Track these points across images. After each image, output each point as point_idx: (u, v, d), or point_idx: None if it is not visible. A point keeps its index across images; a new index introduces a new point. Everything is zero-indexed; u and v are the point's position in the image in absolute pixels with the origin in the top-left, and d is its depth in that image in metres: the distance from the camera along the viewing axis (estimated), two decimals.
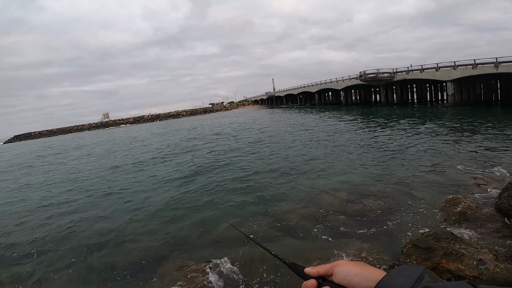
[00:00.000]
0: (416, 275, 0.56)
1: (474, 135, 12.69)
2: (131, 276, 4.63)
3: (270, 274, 4.15)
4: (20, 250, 6.03)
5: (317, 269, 0.69)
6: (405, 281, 0.55)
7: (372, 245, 4.61)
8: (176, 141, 22.88)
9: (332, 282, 0.65)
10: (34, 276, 4.98)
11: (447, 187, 6.69)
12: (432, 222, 5.14)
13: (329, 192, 7.24)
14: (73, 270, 5.00)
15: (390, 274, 0.59)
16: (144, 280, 4.44)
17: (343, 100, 47.54)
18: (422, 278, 0.56)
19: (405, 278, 0.56)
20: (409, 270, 0.58)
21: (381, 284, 0.58)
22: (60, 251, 5.75)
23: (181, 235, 5.85)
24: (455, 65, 27.62)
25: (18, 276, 5.01)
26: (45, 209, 8.75)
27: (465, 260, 3.09)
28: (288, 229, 5.58)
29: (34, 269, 5.20)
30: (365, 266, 0.65)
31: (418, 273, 0.57)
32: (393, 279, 0.57)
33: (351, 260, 0.68)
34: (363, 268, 0.63)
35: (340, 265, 0.66)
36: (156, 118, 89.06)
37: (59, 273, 4.95)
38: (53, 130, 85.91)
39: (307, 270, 0.71)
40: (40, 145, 45.69)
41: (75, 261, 5.30)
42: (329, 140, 15.16)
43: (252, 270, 4.34)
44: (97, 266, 5.05)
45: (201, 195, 8.21)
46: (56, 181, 13.03)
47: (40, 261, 5.47)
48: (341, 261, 0.67)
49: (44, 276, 4.94)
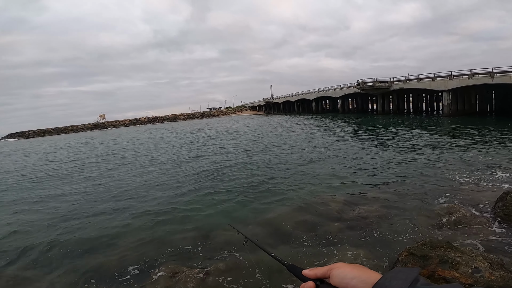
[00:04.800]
0: (411, 278, 0.57)
1: (470, 145, 12.84)
2: (122, 281, 4.49)
3: (267, 278, 4.10)
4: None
5: (315, 271, 0.69)
6: (401, 284, 0.56)
7: (368, 252, 4.60)
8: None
9: (329, 284, 0.66)
10: (20, 277, 4.84)
11: (442, 196, 6.73)
12: (427, 230, 5.15)
13: (325, 198, 7.25)
14: (63, 273, 4.86)
15: (386, 276, 0.60)
16: (137, 286, 4.32)
17: (340, 108, 48.02)
18: (417, 280, 0.57)
19: (400, 281, 0.57)
20: (404, 272, 0.59)
21: (377, 287, 0.58)
22: (48, 252, 5.63)
23: (176, 239, 5.75)
24: (452, 75, 27.97)
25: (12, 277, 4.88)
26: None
27: (461, 268, 3.11)
28: (284, 235, 5.55)
29: (23, 270, 5.07)
30: (362, 268, 0.65)
31: (413, 275, 0.58)
32: (389, 282, 0.58)
33: (348, 263, 0.67)
34: (360, 271, 0.64)
35: (338, 268, 0.66)
36: (153, 121, 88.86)
37: (47, 276, 4.82)
38: (48, 130, 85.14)
39: (305, 272, 0.71)
40: (47, 144, 42.47)
41: (65, 264, 5.16)
42: (328, 148, 15.22)
43: (249, 274, 4.29)
44: (88, 270, 4.90)
45: (198, 199, 8.16)
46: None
47: (31, 262, 5.35)
48: (339, 263, 0.67)
49: (30, 278, 4.79)
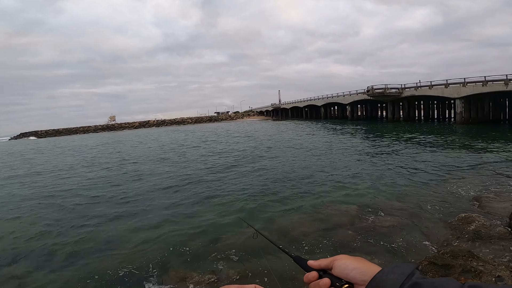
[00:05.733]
0: (408, 272, 0.60)
1: (485, 153, 12.56)
2: (129, 284, 4.41)
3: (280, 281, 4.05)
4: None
5: (319, 262, 0.73)
6: (397, 278, 0.59)
7: (383, 261, 4.49)
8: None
9: (332, 274, 0.69)
10: (27, 277, 4.82)
11: (459, 205, 6.57)
12: (445, 240, 5.01)
13: (338, 206, 7.14)
14: (70, 274, 4.82)
15: (384, 270, 0.63)
16: None
17: (349, 115, 47.47)
18: (413, 274, 0.59)
19: (397, 275, 0.59)
20: (401, 267, 0.62)
21: (375, 279, 0.61)
22: (58, 252, 5.64)
23: (185, 241, 5.69)
24: (465, 82, 27.29)
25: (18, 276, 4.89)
26: None
27: (484, 277, 3.05)
28: (296, 241, 5.48)
29: (30, 269, 5.07)
30: (363, 261, 0.68)
31: (410, 269, 0.60)
32: (386, 275, 0.61)
33: (350, 256, 0.70)
34: (361, 263, 0.67)
35: (340, 259, 0.69)
36: (162, 124, 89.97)
37: (53, 278, 4.77)
38: (59, 130, 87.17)
39: (310, 262, 0.74)
40: (76, 143, 41.45)
41: (72, 264, 5.13)
42: (341, 154, 15.10)
43: (261, 279, 4.24)
44: (93, 273, 4.81)
45: (207, 202, 8.16)
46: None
47: (39, 260, 5.37)
48: (342, 255, 0.71)
49: (36, 280, 4.77)
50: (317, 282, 0.69)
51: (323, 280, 0.68)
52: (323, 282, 0.68)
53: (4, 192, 11.51)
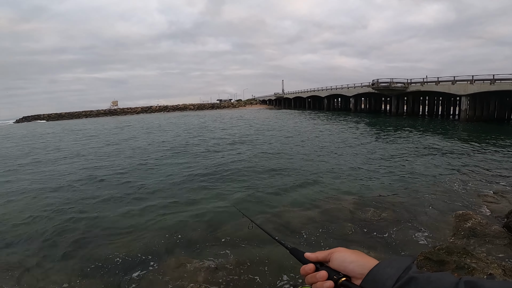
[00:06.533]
0: (404, 266, 0.60)
1: (486, 152, 12.53)
2: (128, 271, 4.46)
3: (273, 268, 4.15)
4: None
5: (316, 255, 0.72)
6: (394, 272, 0.60)
7: (380, 254, 4.59)
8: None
9: (329, 267, 0.69)
10: (27, 265, 4.81)
11: (457, 202, 6.64)
12: (442, 236, 5.11)
13: (336, 199, 7.21)
14: (69, 261, 4.87)
15: (381, 264, 0.63)
16: (143, 277, 4.30)
17: (352, 107, 47.12)
18: (409, 268, 0.60)
19: (394, 269, 0.60)
20: (398, 261, 0.62)
21: (372, 273, 0.62)
22: (56, 240, 5.65)
23: (185, 229, 5.77)
24: (473, 79, 26.87)
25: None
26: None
27: (476, 274, 3.14)
28: (294, 232, 5.57)
29: (29, 257, 5.07)
30: (360, 254, 0.68)
31: (406, 263, 0.61)
32: (383, 269, 0.61)
33: (348, 249, 0.71)
34: (358, 256, 0.67)
35: (338, 252, 0.70)
36: (164, 110, 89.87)
37: (54, 264, 4.82)
38: (62, 114, 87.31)
39: (307, 255, 0.74)
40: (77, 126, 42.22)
41: (71, 251, 5.16)
42: (340, 147, 15.11)
43: (257, 266, 4.36)
44: (95, 258, 4.85)
45: (207, 191, 8.28)
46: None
47: (38, 248, 5.38)
48: (339, 248, 0.71)
49: (38, 266, 4.79)
50: (314, 275, 0.69)
51: (320, 273, 0.68)
52: (320, 274, 0.67)
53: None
